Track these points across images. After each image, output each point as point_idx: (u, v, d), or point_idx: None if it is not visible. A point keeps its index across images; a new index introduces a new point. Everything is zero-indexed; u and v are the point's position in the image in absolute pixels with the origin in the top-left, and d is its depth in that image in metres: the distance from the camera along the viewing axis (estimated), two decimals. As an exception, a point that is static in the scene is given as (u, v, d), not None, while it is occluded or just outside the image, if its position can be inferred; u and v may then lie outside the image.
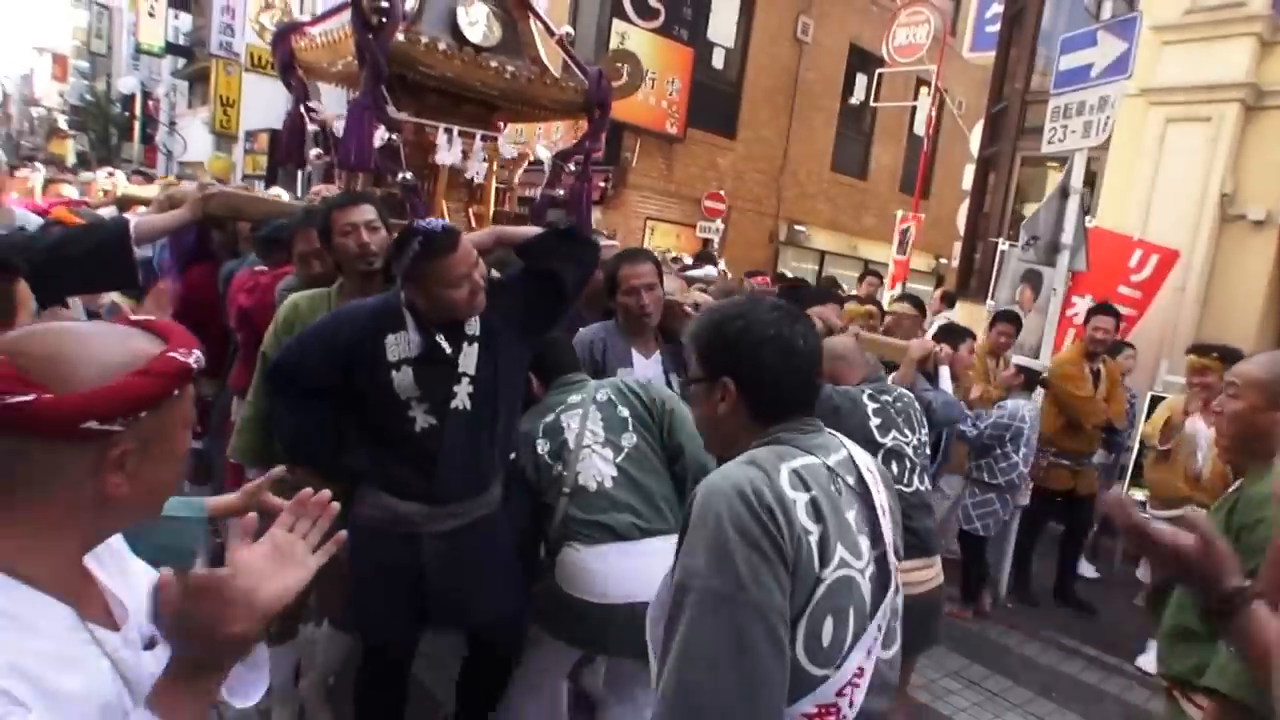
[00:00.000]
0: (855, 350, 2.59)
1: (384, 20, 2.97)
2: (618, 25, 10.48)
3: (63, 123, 30.96)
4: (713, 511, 1.01)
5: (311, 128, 3.41)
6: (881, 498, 1.14)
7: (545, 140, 4.24)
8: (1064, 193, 4.23)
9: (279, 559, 0.81)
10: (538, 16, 3.59)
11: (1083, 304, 5.34)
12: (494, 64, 3.31)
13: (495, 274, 2.28)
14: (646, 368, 2.52)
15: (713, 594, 0.97)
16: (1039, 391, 4.13)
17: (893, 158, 14.79)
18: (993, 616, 4.13)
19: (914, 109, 12.98)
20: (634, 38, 10.52)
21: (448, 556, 1.92)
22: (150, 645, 0.84)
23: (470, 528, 1.95)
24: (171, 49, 20.58)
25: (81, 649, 0.75)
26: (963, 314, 7.20)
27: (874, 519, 1.12)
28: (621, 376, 2.38)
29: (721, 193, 12.02)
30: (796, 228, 13.48)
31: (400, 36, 3.03)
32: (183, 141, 20.10)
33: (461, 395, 1.90)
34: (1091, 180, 7.03)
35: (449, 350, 1.90)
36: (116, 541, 0.85)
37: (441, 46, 3.18)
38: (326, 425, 1.92)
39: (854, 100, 13.53)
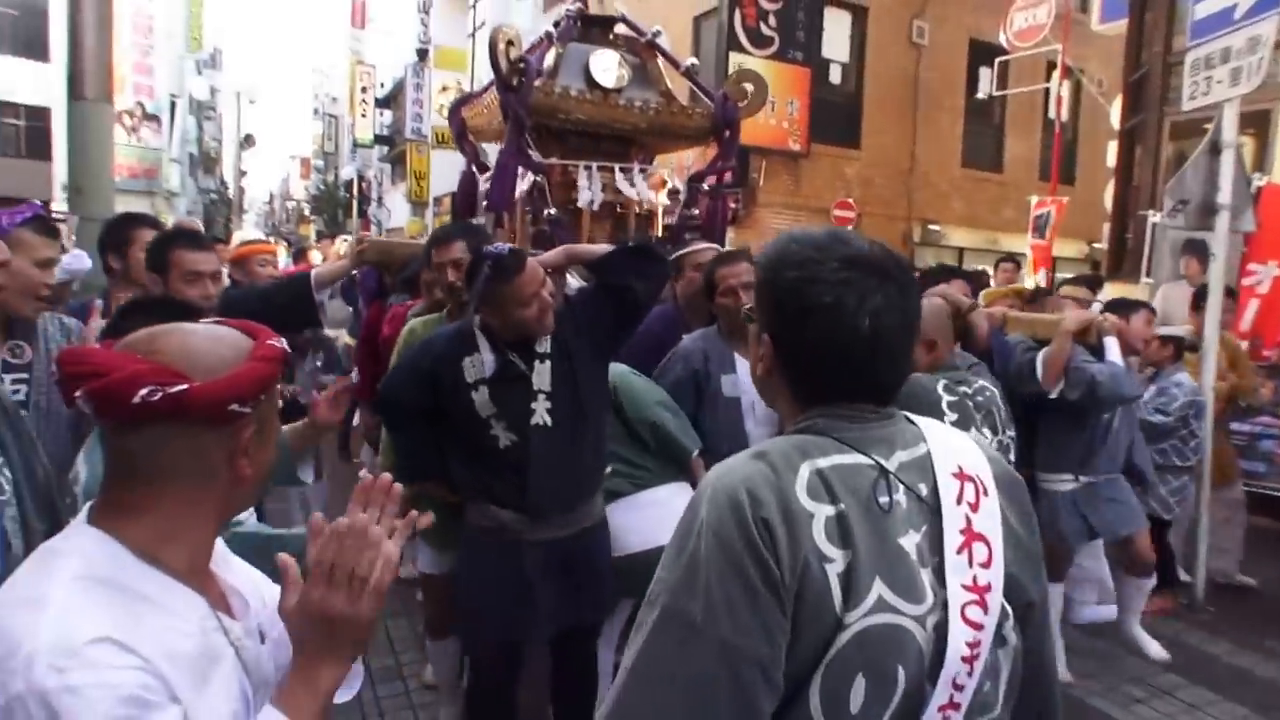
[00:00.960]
0: (945, 316, 2.21)
1: (522, 80, 3.20)
2: (734, 57, 10.42)
3: (306, 210, 35.98)
4: (698, 517, 0.73)
5: (482, 185, 3.68)
6: (964, 519, 0.76)
7: (678, 169, 4.28)
8: (1214, 149, 3.64)
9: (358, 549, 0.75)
10: (664, 54, 3.67)
11: (1266, 271, 4.51)
12: (622, 102, 3.45)
13: (571, 289, 2.24)
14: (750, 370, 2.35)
15: (677, 619, 0.70)
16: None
17: (1028, 147, 13.45)
18: (1187, 619, 3.41)
19: (1046, 93, 11.71)
20: (750, 67, 10.45)
21: (549, 566, 1.87)
22: (261, 639, 0.82)
23: (572, 539, 1.89)
24: (378, 140, 23.46)
25: (214, 637, 0.73)
26: (1115, 296, 6.34)
27: (939, 550, 0.74)
28: (724, 384, 2.24)
29: (850, 200, 11.56)
30: (931, 227, 12.63)
31: (539, 91, 3.24)
32: (388, 212, 22.66)
33: (540, 412, 1.84)
34: (1265, 133, 5.98)
35: (523, 368, 1.85)
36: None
37: (574, 93, 3.36)
38: (430, 443, 1.93)
39: (980, 95, 12.49)
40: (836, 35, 11.68)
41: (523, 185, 3.36)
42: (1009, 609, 0.77)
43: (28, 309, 1.62)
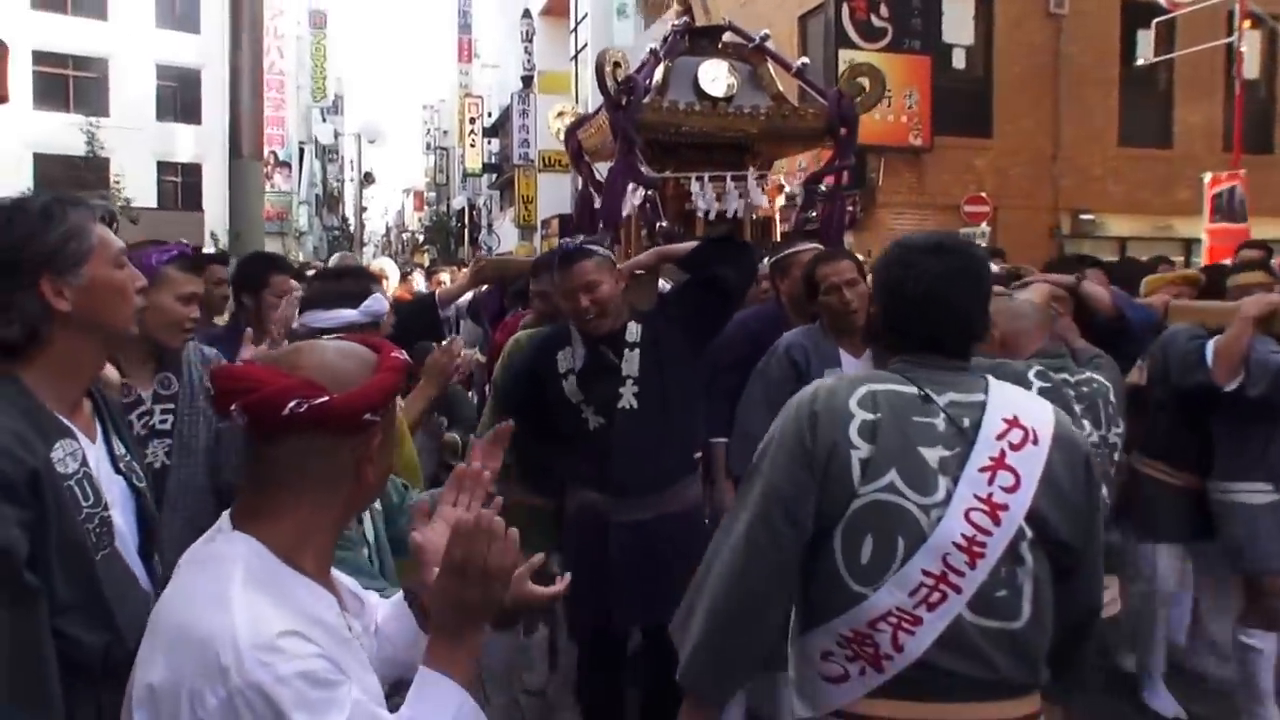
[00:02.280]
0: (1034, 316, 2.18)
1: (629, 99, 3.31)
2: (845, 54, 10.17)
3: (420, 240, 38.70)
4: (788, 409, 1.17)
5: (597, 203, 3.84)
6: (999, 451, 1.05)
7: (790, 173, 4.26)
8: None
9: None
10: (773, 57, 3.68)
11: None
12: (732, 109, 3.48)
13: (664, 287, 2.42)
14: (857, 368, 2.35)
15: (754, 466, 1.16)
16: None
17: (1206, 114, 11.91)
18: None
19: (1229, 48, 10.23)
20: (864, 62, 10.18)
21: (634, 548, 2.00)
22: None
23: (657, 521, 2.02)
24: (487, 168, 24.98)
25: (345, 633, 0.81)
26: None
27: (963, 465, 1.06)
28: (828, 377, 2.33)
29: (983, 195, 10.88)
30: (1083, 217, 11.58)
31: (648, 107, 3.33)
32: (498, 238, 23.92)
33: (627, 396, 2.04)
34: None
35: (612, 358, 2.06)
36: None
37: (682, 105, 3.43)
38: (525, 428, 2.20)
39: (1138, 61, 11.26)
40: (959, 17, 11.14)
41: (635, 200, 3.46)
42: (1028, 532, 1.05)
43: (175, 341, 1.73)
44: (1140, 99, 11.89)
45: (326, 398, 0.76)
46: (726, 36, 3.69)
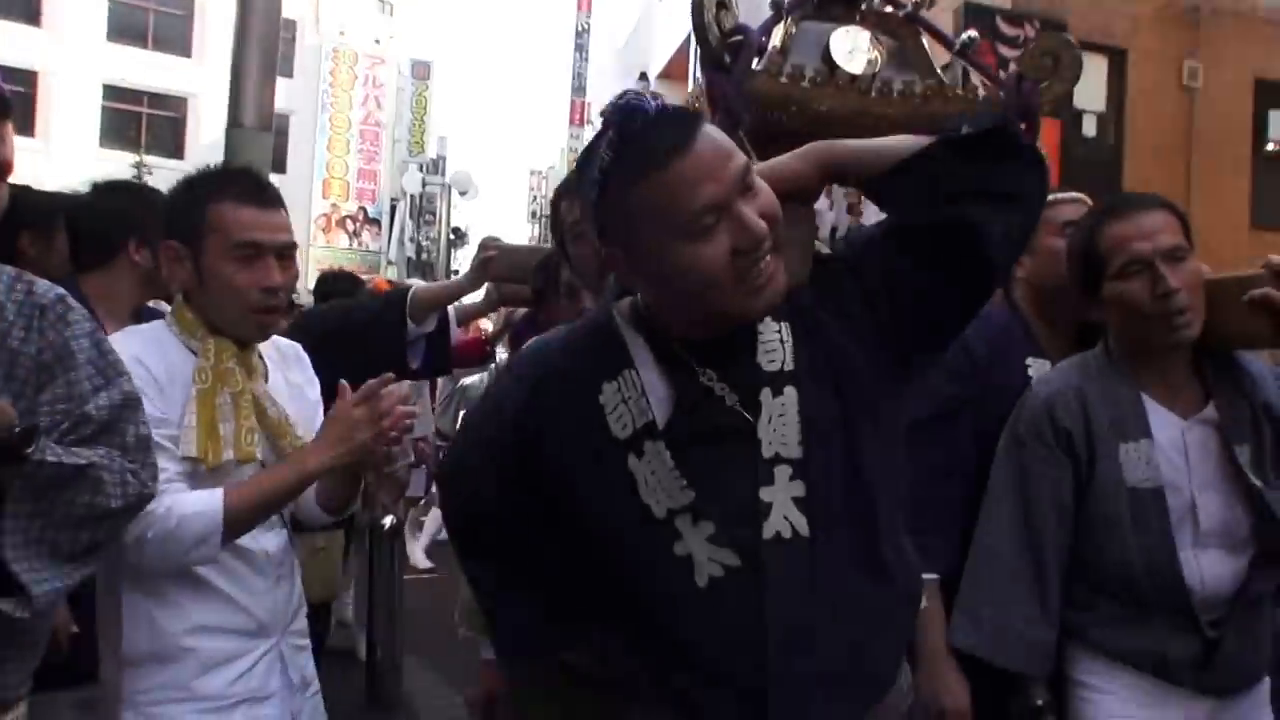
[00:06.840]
0: None
1: (737, 55, 2.34)
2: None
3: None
4: None
5: None
6: None
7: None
8: None
9: None
10: (931, 30, 2.71)
11: None
12: (878, 85, 2.46)
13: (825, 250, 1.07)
14: (1186, 433, 1.18)
15: None
16: None
17: (1344, 195, 10.94)
18: None
19: None
20: (1055, 35, 9.61)
21: None
22: None
23: None
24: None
25: None
26: None
27: None
28: (1127, 461, 1.16)
29: (1105, 271, 9.73)
30: (1212, 300, 10.33)
31: (763, 74, 2.37)
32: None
33: (783, 506, 0.80)
34: None
35: (733, 402, 0.82)
36: None
37: (810, 75, 2.42)
38: (543, 586, 0.95)
39: (1270, 145, 10.58)
40: (1091, 82, 10.34)
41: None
42: None
43: None
44: (1273, 180, 10.95)
45: None
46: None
